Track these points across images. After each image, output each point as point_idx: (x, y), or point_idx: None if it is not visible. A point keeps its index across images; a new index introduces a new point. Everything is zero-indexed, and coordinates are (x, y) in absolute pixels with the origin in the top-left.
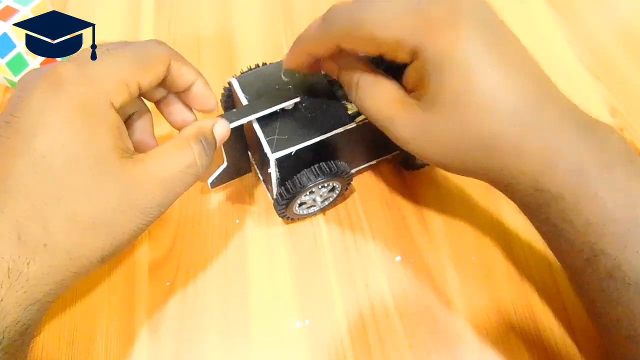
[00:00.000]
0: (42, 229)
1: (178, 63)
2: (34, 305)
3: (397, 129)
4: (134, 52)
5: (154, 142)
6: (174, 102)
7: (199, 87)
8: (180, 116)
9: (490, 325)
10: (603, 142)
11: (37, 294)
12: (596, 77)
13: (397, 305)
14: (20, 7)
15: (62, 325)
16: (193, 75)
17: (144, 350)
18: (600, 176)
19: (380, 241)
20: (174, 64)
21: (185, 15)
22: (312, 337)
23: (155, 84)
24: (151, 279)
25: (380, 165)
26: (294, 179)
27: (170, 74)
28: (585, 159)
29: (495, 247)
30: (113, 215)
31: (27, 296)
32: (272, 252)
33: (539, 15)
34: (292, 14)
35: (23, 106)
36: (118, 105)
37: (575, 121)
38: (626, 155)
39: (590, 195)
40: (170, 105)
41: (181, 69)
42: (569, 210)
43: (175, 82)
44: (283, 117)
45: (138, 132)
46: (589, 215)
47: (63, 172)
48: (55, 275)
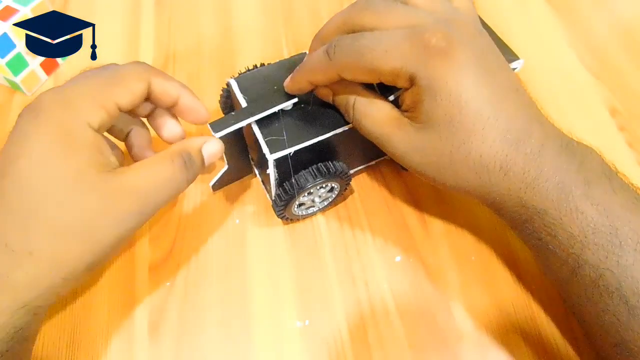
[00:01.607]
0: (25, 238)
1: (158, 79)
2: (22, 308)
3: (394, 145)
4: (109, 73)
5: None
6: (162, 117)
7: (186, 100)
8: (168, 130)
9: (490, 325)
10: (582, 161)
11: (25, 298)
12: (596, 77)
13: (397, 305)
14: (20, 7)
15: (62, 325)
16: (176, 89)
17: (144, 350)
18: (581, 192)
19: (380, 241)
20: (155, 80)
21: (185, 16)
22: (312, 337)
23: (137, 102)
24: (151, 279)
25: (380, 166)
26: (292, 179)
27: (153, 91)
28: (566, 177)
29: (495, 247)
30: (92, 223)
31: (15, 300)
32: (272, 252)
33: (539, 15)
34: (292, 14)
35: (13, 134)
36: (96, 125)
37: (558, 143)
38: (604, 173)
39: (571, 209)
40: (159, 119)
41: (162, 85)
42: (553, 224)
43: (160, 98)
44: (282, 117)
45: (136, 147)
46: (572, 228)
47: (42, 186)
48: (42, 281)
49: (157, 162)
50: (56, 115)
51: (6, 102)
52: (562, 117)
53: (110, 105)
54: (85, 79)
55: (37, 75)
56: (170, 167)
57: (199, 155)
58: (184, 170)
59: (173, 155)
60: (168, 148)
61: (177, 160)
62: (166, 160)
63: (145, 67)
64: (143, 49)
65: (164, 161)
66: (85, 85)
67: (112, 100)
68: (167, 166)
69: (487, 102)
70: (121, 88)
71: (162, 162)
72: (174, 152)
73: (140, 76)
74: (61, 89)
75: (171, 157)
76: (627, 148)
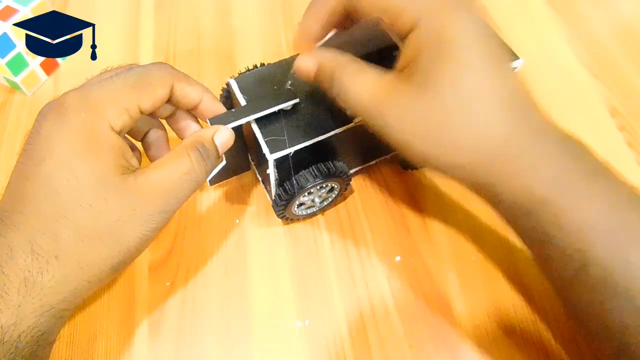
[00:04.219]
0: (52, 242)
1: (182, 84)
2: (49, 311)
3: (381, 115)
4: (134, 77)
5: None
6: (182, 119)
7: (207, 103)
8: (189, 133)
9: (490, 325)
10: (581, 154)
11: (52, 301)
12: (596, 77)
13: (397, 305)
14: (20, 7)
15: None
16: (198, 93)
17: (144, 350)
18: (586, 183)
19: (380, 241)
20: (178, 85)
21: (185, 15)
22: (312, 337)
23: (158, 105)
24: (151, 279)
25: (380, 166)
26: (292, 179)
27: (175, 94)
28: (570, 165)
29: (495, 247)
30: (117, 225)
31: (42, 303)
32: (272, 252)
33: (539, 15)
34: (292, 15)
35: (35, 135)
36: (119, 128)
37: (557, 130)
38: (602, 167)
39: (578, 200)
40: (179, 122)
41: (185, 89)
42: (558, 216)
43: (181, 101)
44: (282, 117)
45: (154, 148)
46: (579, 220)
47: (68, 190)
48: (68, 284)
49: (174, 158)
50: (80, 116)
51: (6, 102)
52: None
53: (133, 109)
54: (110, 82)
55: (37, 75)
56: (187, 160)
57: (212, 145)
58: (201, 162)
59: (188, 149)
60: (181, 143)
61: (193, 153)
62: (183, 154)
63: (170, 70)
64: (143, 49)
65: (181, 156)
66: (111, 88)
67: (136, 103)
68: (185, 160)
69: (497, 67)
70: (145, 92)
71: (179, 157)
72: (188, 145)
73: (164, 80)
74: (86, 89)
75: (187, 150)
76: (627, 148)
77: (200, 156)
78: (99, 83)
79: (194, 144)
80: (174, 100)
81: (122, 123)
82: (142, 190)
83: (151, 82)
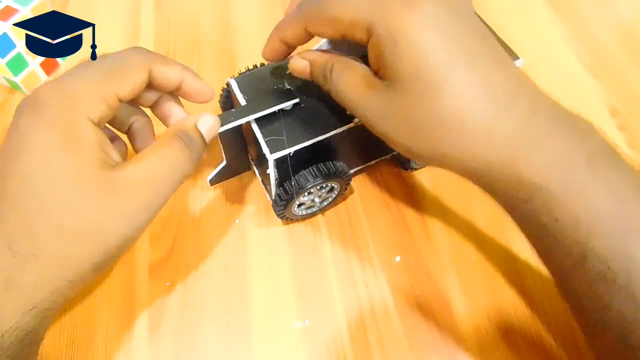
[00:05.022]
0: (31, 240)
1: (159, 66)
2: (31, 310)
3: (365, 107)
4: (108, 64)
5: None
6: (166, 106)
7: (189, 82)
8: (175, 119)
9: (490, 325)
10: (583, 136)
11: (33, 301)
12: (596, 77)
13: (397, 305)
14: (20, 7)
15: (62, 325)
16: (178, 73)
17: (144, 350)
18: (585, 169)
19: (380, 241)
20: (155, 67)
21: (185, 15)
22: (312, 337)
23: (137, 91)
24: (151, 279)
25: (380, 166)
26: (292, 179)
27: (154, 77)
28: (566, 150)
29: (495, 247)
30: (97, 222)
31: (23, 302)
32: (272, 252)
33: (539, 15)
34: None
35: (12, 132)
36: (97, 119)
37: (552, 111)
38: (606, 151)
39: (575, 188)
40: (164, 108)
41: (163, 70)
42: (555, 205)
43: (161, 84)
44: (282, 117)
45: (139, 139)
46: (577, 211)
47: (46, 186)
48: (48, 284)
49: (156, 150)
50: (55, 109)
51: (6, 102)
52: None
53: (111, 97)
54: (84, 71)
55: (37, 75)
56: (170, 151)
57: (196, 132)
58: (185, 151)
59: (170, 138)
60: (163, 133)
61: (176, 142)
62: (164, 145)
63: (145, 54)
64: None
65: (162, 147)
66: (85, 78)
67: (113, 92)
68: (167, 151)
69: (458, 54)
70: (121, 79)
71: (161, 148)
72: (170, 134)
73: (140, 65)
74: (59, 81)
75: (169, 140)
76: (627, 148)
77: (184, 145)
78: (73, 73)
79: (176, 132)
80: (154, 83)
81: (100, 113)
82: (123, 185)
83: (127, 68)
